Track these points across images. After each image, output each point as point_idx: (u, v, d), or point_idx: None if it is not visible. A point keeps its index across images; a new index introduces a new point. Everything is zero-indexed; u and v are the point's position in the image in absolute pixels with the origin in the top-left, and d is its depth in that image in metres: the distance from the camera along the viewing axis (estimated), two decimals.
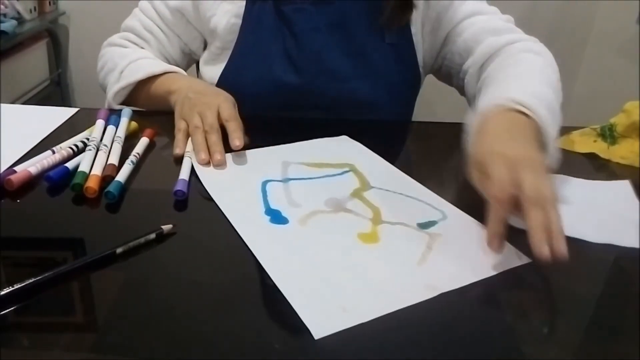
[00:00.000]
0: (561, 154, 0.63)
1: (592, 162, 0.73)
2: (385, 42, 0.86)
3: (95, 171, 0.60)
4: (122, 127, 0.71)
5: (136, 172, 0.64)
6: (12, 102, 1.65)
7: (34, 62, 1.94)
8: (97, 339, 0.41)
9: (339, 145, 0.73)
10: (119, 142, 0.67)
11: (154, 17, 0.89)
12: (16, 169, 0.61)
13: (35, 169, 0.61)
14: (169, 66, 0.83)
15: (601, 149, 0.74)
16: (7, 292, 0.43)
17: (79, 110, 0.81)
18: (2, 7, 1.74)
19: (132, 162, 0.64)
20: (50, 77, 2.03)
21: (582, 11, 1.94)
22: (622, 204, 0.62)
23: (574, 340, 0.44)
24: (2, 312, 0.42)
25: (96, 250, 0.48)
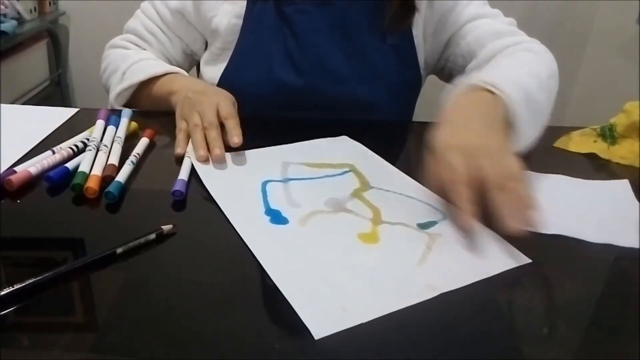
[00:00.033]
0: (561, 154, 0.63)
1: (592, 162, 0.73)
2: (386, 43, 0.86)
3: (95, 171, 0.60)
4: (122, 128, 0.71)
5: (136, 173, 0.64)
6: (12, 102, 1.65)
7: (34, 62, 1.94)
8: (97, 339, 0.41)
9: (339, 145, 0.73)
10: (119, 142, 0.67)
11: (155, 18, 0.89)
12: (16, 169, 0.60)
13: (35, 169, 0.61)
14: (170, 67, 0.84)
15: (601, 149, 0.74)
16: (7, 292, 0.43)
17: (79, 110, 0.81)
18: (2, 7, 1.74)
19: (132, 163, 0.64)
20: (50, 77, 2.03)
21: (582, 11, 1.94)
22: (622, 204, 0.62)
23: (574, 340, 0.44)
24: (2, 312, 0.42)
25: (96, 250, 0.48)
